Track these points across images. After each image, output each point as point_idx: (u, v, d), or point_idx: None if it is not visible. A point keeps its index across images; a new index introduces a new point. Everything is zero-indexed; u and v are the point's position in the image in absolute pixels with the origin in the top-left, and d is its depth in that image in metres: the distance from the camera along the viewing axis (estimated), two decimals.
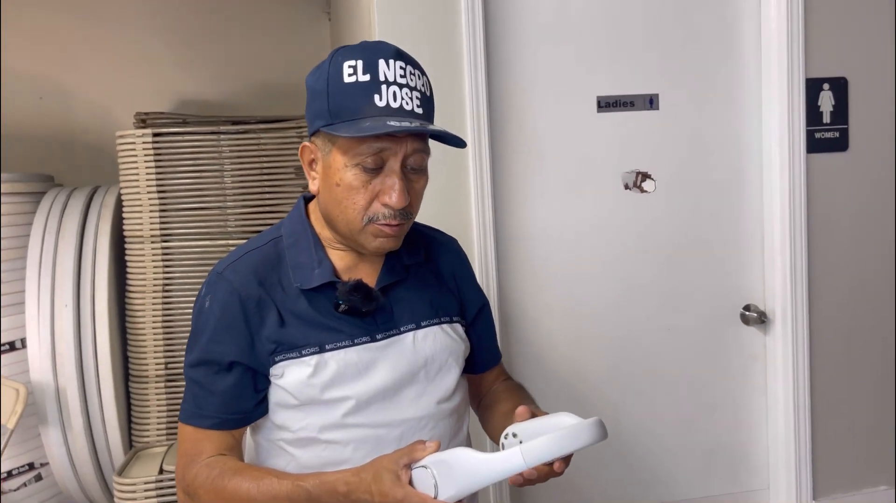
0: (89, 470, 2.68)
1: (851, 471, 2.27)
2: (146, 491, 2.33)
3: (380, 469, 0.94)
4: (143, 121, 2.83)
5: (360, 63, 1.03)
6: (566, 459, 1.00)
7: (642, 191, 2.13)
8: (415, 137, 1.05)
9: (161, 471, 2.36)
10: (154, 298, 2.66)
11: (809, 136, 2.15)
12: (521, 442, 0.98)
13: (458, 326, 1.21)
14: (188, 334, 2.79)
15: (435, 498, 0.90)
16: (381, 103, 1.01)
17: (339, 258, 1.13)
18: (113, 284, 2.70)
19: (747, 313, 2.20)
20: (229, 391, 1.08)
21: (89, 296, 2.65)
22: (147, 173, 2.63)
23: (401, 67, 1.05)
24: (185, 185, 2.64)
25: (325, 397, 1.07)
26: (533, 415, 1.04)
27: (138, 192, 2.63)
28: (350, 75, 1.02)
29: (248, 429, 1.18)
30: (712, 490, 2.24)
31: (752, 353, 2.24)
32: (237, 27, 3.34)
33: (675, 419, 2.21)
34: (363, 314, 1.09)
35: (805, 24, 2.10)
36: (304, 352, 1.07)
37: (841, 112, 2.17)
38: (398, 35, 1.91)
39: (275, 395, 1.10)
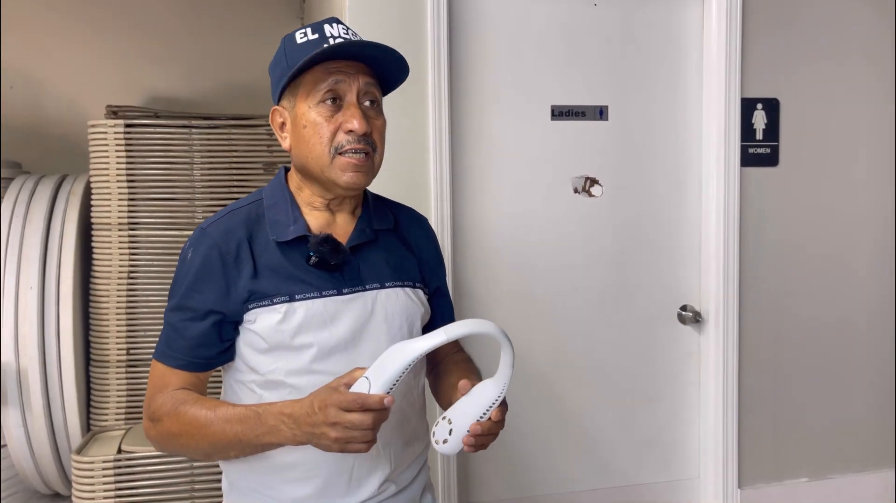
0: (46, 451, 2.70)
1: (774, 462, 2.44)
2: (104, 470, 2.36)
3: (320, 389, 1.06)
4: (114, 112, 2.89)
5: (308, 30, 1.21)
6: (502, 409, 1.11)
7: (590, 195, 2.29)
8: (365, 74, 1.20)
9: (119, 451, 2.40)
10: (119, 285, 2.71)
11: (744, 150, 2.33)
12: (449, 421, 1.10)
13: (420, 292, 1.31)
14: (151, 321, 2.83)
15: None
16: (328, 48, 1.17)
17: (314, 218, 1.24)
18: (78, 270, 2.75)
19: (684, 313, 2.37)
20: (198, 338, 1.19)
21: (54, 280, 2.70)
22: (117, 163, 2.70)
23: (344, 28, 1.21)
24: (154, 176, 2.71)
25: (293, 343, 1.17)
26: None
27: (108, 181, 2.69)
28: (301, 38, 1.20)
29: (223, 372, 1.28)
30: (647, 478, 2.39)
31: (688, 351, 2.40)
32: (210, 27, 3.42)
33: (614, 410, 2.35)
34: (332, 268, 1.20)
35: (742, 49, 2.30)
36: (275, 300, 1.17)
37: (772, 130, 2.36)
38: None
39: (247, 340, 1.20)
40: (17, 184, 2.84)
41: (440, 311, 1.38)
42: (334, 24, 1.20)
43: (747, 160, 2.34)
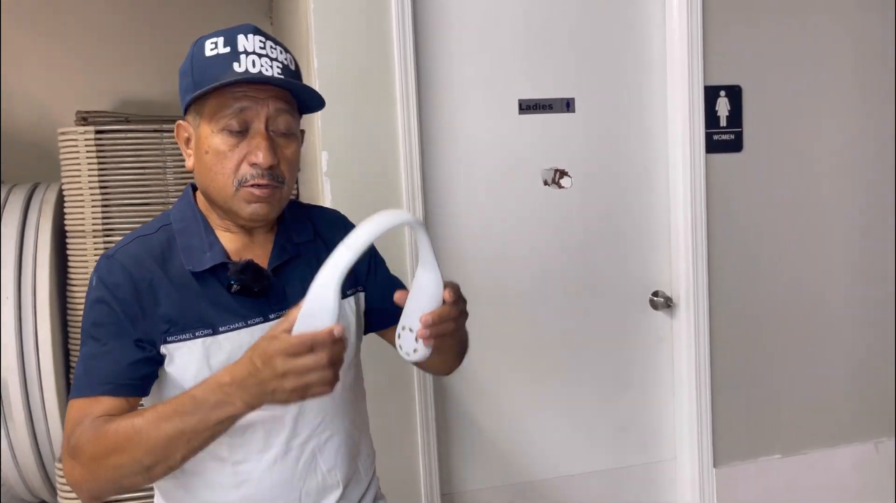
0: (30, 460, 2.72)
1: (748, 441, 2.50)
2: None
3: (257, 341, 0.94)
4: (84, 119, 2.89)
5: (220, 39, 1.11)
6: (453, 288, 1.02)
7: (560, 186, 2.33)
8: (276, 98, 1.10)
9: None
10: None
11: (708, 137, 2.38)
12: (411, 330, 1.02)
13: (359, 296, 1.24)
14: None
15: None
16: (240, 69, 1.07)
17: (230, 240, 1.15)
18: (55, 279, 2.75)
19: (655, 298, 2.42)
20: (123, 359, 1.06)
21: (30, 290, 2.70)
22: (89, 170, 2.69)
23: (260, 41, 1.11)
24: (127, 182, 2.71)
25: None
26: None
27: (80, 188, 2.69)
28: (211, 50, 1.10)
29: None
30: (624, 461, 2.44)
31: (660, 335, 2.45)
32: (179, 27, 3.40)
33: (591, 396, 2.40)
34: (256, 294, 1.11)
35: (704, 38, 2.34)
36: (196, 333, 1.08)
37: (736, 116, 2.41)
38: (334, 39, 2.06)
39: (167, 381, 1.10)
40: None
41: (379, 291, 1.28)
42: (249, 36, 1.10)
43: (712, 146, 2.39)
